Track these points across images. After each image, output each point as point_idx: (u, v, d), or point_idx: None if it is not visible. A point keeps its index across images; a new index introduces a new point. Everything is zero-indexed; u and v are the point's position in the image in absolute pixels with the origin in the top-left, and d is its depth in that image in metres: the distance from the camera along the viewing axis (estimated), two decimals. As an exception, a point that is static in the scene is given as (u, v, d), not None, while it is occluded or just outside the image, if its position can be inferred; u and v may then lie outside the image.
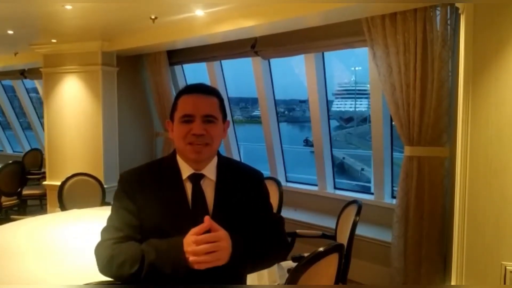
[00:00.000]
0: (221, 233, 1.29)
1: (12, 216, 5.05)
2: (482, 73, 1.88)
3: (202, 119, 1.38)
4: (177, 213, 1.39)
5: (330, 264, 2.03)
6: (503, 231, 1.83)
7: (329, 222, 3.94)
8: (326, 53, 4.31)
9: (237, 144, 5.64)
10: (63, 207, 3.85)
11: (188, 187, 1.43)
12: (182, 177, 1.43)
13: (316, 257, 1.93)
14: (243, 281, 1.53)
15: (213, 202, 1.42)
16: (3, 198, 5.41)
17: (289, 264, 2.96)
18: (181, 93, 1.44)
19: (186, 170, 1.44)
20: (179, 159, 1.46)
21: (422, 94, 3.23)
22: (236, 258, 1.30)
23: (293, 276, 1.88)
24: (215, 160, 1.49)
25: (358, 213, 2.89)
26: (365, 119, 16.98)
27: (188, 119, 1.38)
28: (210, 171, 1.46)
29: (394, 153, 4.08)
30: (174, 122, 1.43)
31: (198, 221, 1.38)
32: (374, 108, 3.95)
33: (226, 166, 1.51)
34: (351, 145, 16.90)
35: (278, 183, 3.91)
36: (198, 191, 1.42)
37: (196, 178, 1.44)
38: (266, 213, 1.53)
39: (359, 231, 3.06)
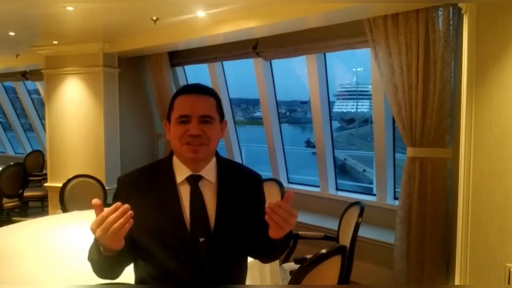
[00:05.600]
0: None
1: (13, 218, 5.06)
2: (485, 74, 1.86)
3: (198, 119, 1.36)
4: (171, 217, 1.38)
5: (332, 266, 2.02)
6: (507, 233, 1.82)
7: (331, 224, 3.93)
8: (327, 54, 4.30)
9: (239, 146, 5.63)
10: (64, 209, 3.85)
11: (186, 189, 1.41)
12: (176, 180, 1.42)
13: (319, 259, 1.92)
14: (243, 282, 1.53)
15: (215, 205, 1.41)
16: (5, 200, 5.40)
17: (291, 266, 2.95)
18: (177, 93, 1.43)
19: (183, 172, 1.42)
20: (176, 161, 1.45)
21: (425, 95, 3.22)
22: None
23: (296, 278, 1.87)
24: (213, 162, 1.47)
25: (360, 214, 2.88)
26: (366, 120, 16.99)
27: (184, 119, 1.37)
28: (208, 172, 1.44)
29: (396, 154, 4.07)
30: (171, 122, 1.41)
31: (196, 223, 1.37)
32: (376, 109, 3.94)
33: (226, 168, 1.50)
34: (353, 146, 16.90)
35: (280, 184, 3.91)
36: (196, 193, 1.41)
37: (194, 180, 1.42)
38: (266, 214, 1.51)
39: (362, 232, 3.04)
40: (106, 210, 1.18)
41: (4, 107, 8.47)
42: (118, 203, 1.18)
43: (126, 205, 1.17)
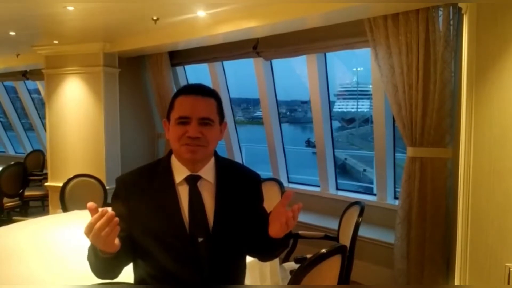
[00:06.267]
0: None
1: (14, 218, 5.06)
2: (485, 74, 1.86)
3: (198, 121, 1.36)
4: (170, 218, 1.38)
5: (332, 266, 2.02)
6: (507, 233, 1.82)
7: (331, 223, 3.93)
8: (328, 54, 4.30)
9: (239, 145, 5.63)
10: (64, 208, 3.85)
11: (185, 189, 1.41)
12: (175, 180, 1.42)
13: (319, 259, 1.92)
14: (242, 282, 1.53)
15: (214, 205, 1.41)
16: (5, 200, 5.40)
17: (291, 265, 2.95)
18: (178, 93, 1.42)
19: (182, 172, 1.42)
20: (174, 161, 1.44)
21: (425, 95, 3.22)
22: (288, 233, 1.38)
23: (296, 277, 1.87)
24: (212, 162, 1.47)
25: (360, 214, 2.88)
26: (367, 120, 16.97)
27: (184, 120, 1.36)
28: (207, 172, 1.44)
29: (396, 154, 4.07)
30: (170, 122, 1.41)
31: (195, 223, 1.37)
32: (376, 109, 3.94)
33: (225, 168, 1.49)
34: (353, 146, 16.89)
35: (280, 184, 3.91)
36: (195, 194, 1.41)
37: (193, 180, 1.42)
38: (264, 213, 1.51)
39: (362, 232, 3.05)
40: (94, 216, 1.17)
41: (5, 107, 8.47)
42: (104, 209, 1.18)
43: (111, 213, 1.17)
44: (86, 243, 1.28)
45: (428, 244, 3.28)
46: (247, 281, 1.64)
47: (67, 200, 3.91)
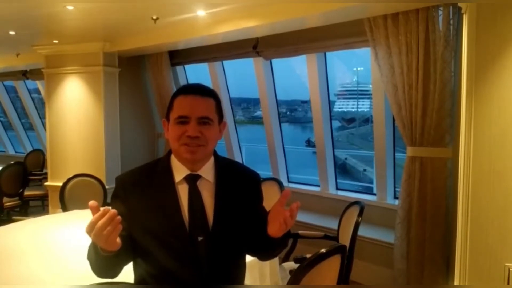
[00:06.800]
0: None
1: (14, 217, 5.06)
2: (485, 73, 1.86)
3: (197, 120, 1.36)
4: (169, 217, 1.38)
5: (332, 266, 2.02)
6: (507, 233, 1.82)
7: (331, 223, 3.93)
8: (328, 54, 4.30)
9: (239, 145, 5.63)
10: (64, 208, 3.85)
11: (184, 188, 1.41)
12: (174, 180, 1.42)
13: (318, 259, 1.92)
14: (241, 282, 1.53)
15: (213, 204, 1.41)
16: (5, 199, 5.40)
17: (291, 265, 2.95)
18: (177, 93, 1.42)
19: (182, 171, 1.42)
20: (174, 160, 1.45)
21: (425, 95, 3.22)
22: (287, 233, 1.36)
23: (295, 277, 1.87)
24: (211, 161, 1.48)
25: (360, 214, 2.88)
26: (367, 120, 16.98)
27: (183, 120, 1.36)
28: (206, 172, 1.45)
29: (396, 154, 4.07)
30: (170, 122, 1.41)
31: (195, 222, 1.38)
32: (376, 109, 3.94)
33: (225, 167, 1.50)
34: (353, 145, 16.89)
35: (280, 183, 3.90)
36: (195, 193, 1.41)
37: (193, 179, 1.42)
38: (263, 213, 1.51)
39: (362, 232, 3.05)
40: (96, 215, 1.17)
41: (5, 106, 8.47)
42: (106, 208, 1.18)
43: (113, 211, 1.17)
44: (86, 243, 1.28)
45: (428, 244, 3.28)
46: (247, 280, 1.64)
47: (67, 200, 3.91)
